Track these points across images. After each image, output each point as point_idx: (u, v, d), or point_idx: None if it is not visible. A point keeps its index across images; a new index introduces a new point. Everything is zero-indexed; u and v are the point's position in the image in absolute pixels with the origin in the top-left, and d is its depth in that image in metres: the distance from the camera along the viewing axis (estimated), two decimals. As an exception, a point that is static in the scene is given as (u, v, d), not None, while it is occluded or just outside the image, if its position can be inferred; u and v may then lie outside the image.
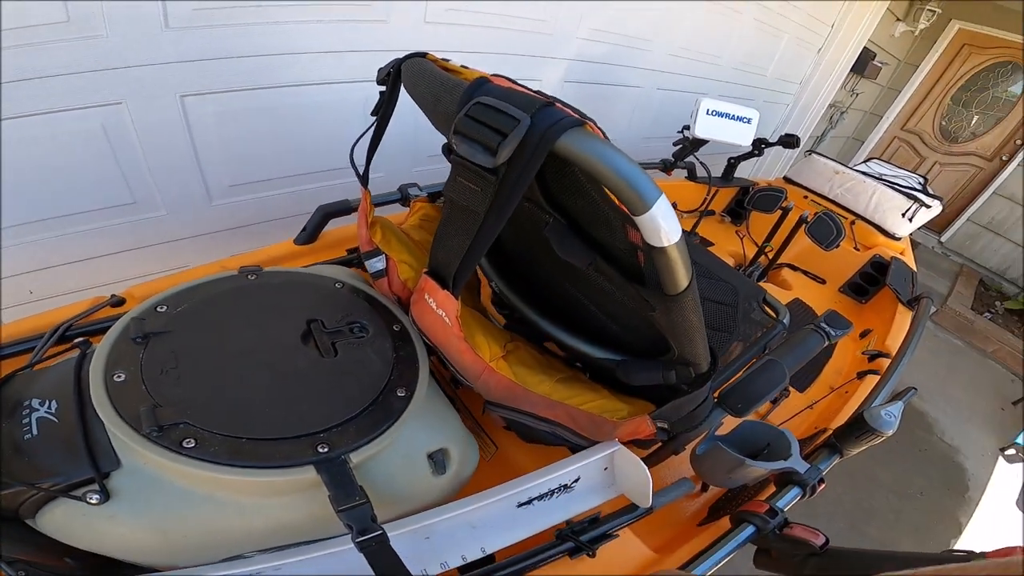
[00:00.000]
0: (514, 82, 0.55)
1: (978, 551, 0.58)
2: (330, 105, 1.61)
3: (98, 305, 0.93)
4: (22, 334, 0.84)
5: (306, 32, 1.43)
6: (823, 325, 0.93)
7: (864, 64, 3.91)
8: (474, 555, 0.69)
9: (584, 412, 0.78)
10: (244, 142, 1.51)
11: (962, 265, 4.57)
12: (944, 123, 4.60)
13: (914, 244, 2.27)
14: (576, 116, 0.47)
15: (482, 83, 0.53)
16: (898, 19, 3.95)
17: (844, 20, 3.50)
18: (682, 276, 0.52)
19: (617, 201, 0.57)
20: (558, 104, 0.49)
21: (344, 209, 1.14)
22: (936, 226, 4.74)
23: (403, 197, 1.21)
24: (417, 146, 1.90)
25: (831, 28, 3.53)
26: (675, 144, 1.82)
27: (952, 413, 2.64)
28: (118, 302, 0.95)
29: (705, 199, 1.95)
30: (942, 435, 2.48)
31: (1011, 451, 2.43)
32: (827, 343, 0.91)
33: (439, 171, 2.00)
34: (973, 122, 4.42)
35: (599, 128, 0.49)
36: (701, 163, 1.74)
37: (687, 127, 1.65)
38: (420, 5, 1.58)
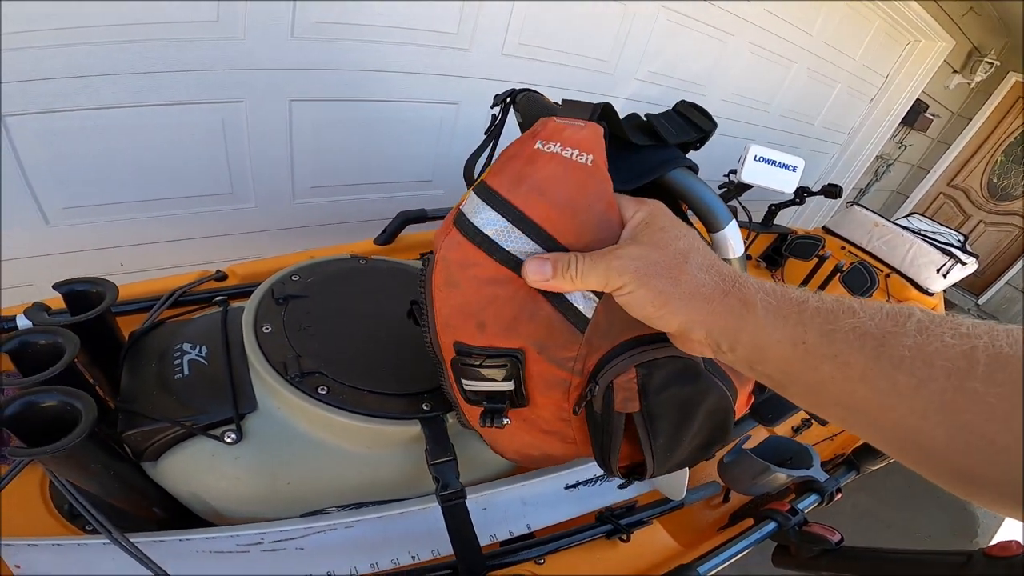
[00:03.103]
0: None
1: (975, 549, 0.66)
2: (410, 121, 1.78)
3: (205, 278, 1.07)
4: (122, 297, 0.92)
5: (399, 53, 1.62)
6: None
7: (916, 116, 3.86)
8: (520, 530, 0.78)
9: None
10: (331, 147, 1.68)
11: (998, 329, 4.48)
12: (993, 180, 4.50)
13: (951, 305, 2.28)
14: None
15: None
16: (955, 71, 3.90)
17: (900, 70, 3.53)
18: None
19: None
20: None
21: (421, 216, 1.26)
22: (975, 288, 4.68)
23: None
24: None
25: (885, 79, 3.56)
26: (720, 187, 1.87)
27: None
28: (222, 277, 1.08)
29: (744, 243, 2.01)
30: (959, 483, 2.48)
31: (1026, 503, 2.42)
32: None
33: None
34: (1025, 179, 4.29)
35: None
36: (743, 207, 1.80)
37: (733, 171, 1.71)
38: (499, 38, 1.75)
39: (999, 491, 0.27)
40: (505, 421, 0.52)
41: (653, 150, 0.52)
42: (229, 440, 0.61)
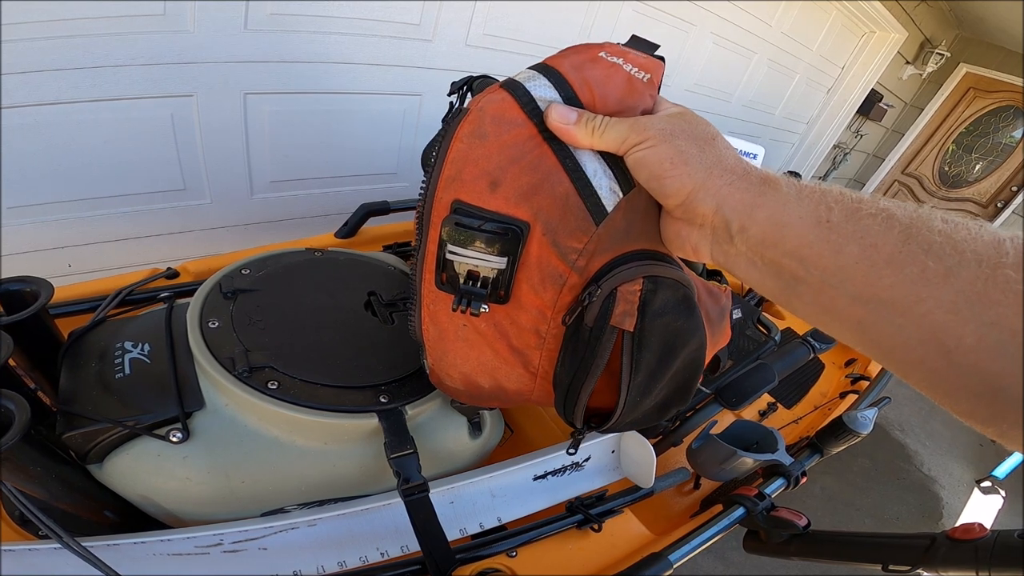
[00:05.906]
0: None
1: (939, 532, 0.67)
2: (371, 113, 1.74)
3: (155, 275, 1.03)
4: (69, 297, 0.89)
5: (360, 44, 1.58)
6: (809, 339, 1.05)
7: (871, 105, 3.98)
8: (491, 523, 0.77)
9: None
10: (290, 141, 1.63)
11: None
12: (945, 168, 4.67)
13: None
14: None
15: None
16: (907, 62, 4.03)
17: (855, 61, 3.62)
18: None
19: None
20: None
21: (383, 209, 1.24)
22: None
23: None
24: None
25: (841, 69, 3.66)
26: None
27: (932, 446, 2.73)
28: (173, 274, 1.04)
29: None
30: (921, 466, 2.58)
31: (987, 483, 2.53)
32: (812, 355, 1.02)
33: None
34: (976, 168, 4.48)
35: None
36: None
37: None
38: (463, 29, 1.72)
39: None
40: (483, 308, 0.48)
41: None
42: (175, 439, 0.59)
